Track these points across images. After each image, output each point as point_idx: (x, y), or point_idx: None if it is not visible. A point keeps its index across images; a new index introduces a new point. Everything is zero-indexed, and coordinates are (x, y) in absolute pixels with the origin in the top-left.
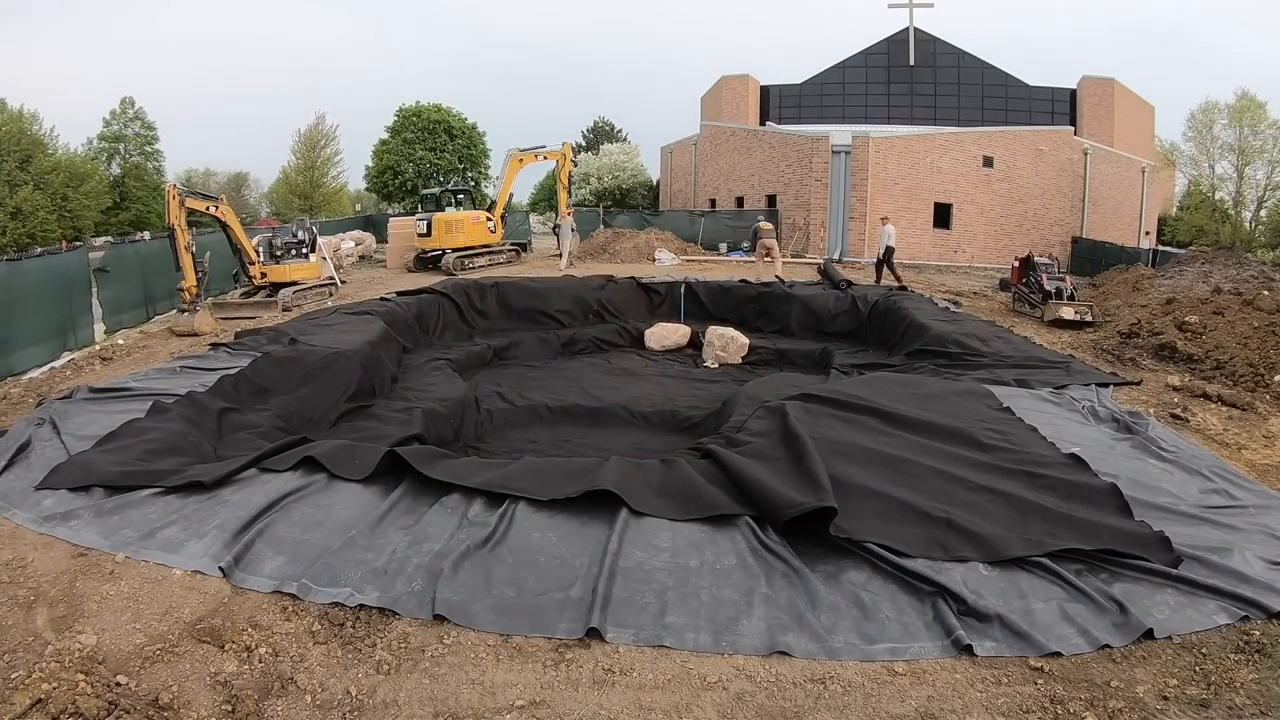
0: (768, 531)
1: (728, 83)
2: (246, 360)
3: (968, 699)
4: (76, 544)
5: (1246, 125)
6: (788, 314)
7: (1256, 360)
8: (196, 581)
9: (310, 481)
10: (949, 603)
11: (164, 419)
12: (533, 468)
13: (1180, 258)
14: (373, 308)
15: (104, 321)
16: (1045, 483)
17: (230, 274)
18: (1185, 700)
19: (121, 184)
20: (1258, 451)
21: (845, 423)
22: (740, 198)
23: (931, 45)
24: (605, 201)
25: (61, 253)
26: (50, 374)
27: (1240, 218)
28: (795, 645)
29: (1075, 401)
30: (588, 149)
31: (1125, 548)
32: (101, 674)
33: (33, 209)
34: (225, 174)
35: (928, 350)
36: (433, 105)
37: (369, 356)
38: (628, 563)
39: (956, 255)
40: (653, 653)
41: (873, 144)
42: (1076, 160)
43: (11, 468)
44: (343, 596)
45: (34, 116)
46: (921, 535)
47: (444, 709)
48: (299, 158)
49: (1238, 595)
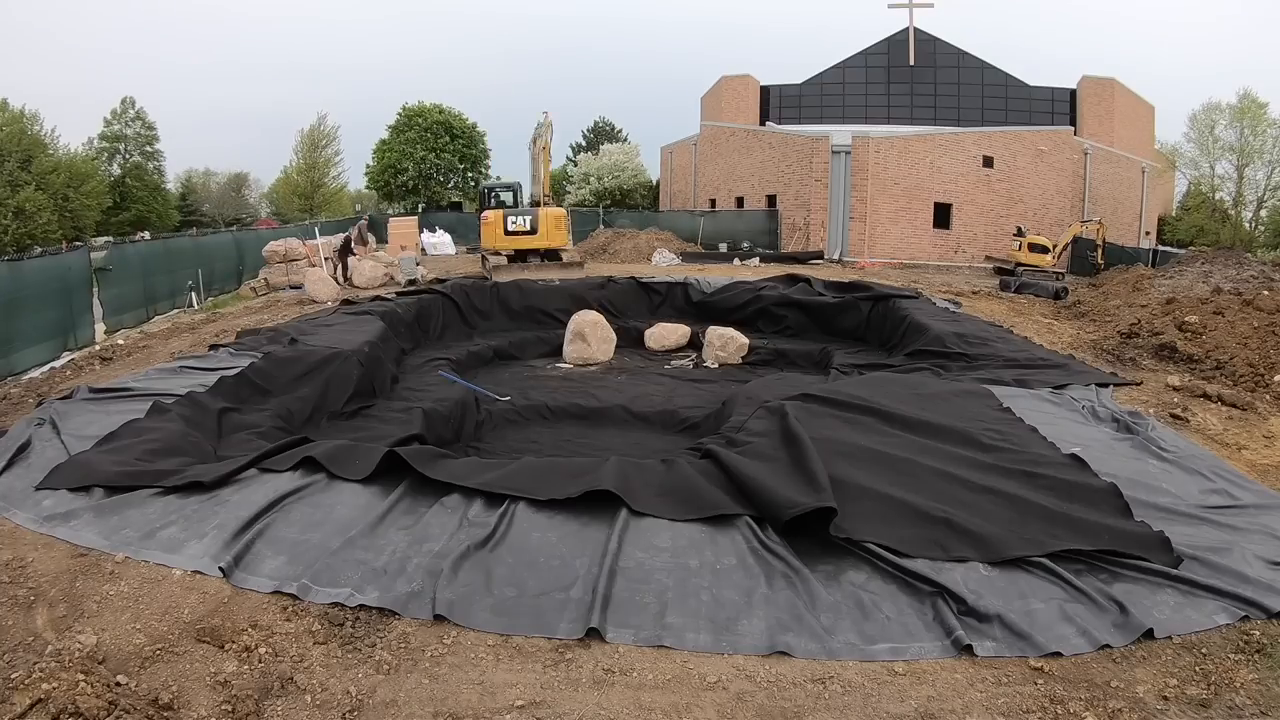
0: (768, 531)
1: (728, 83)
2: (248, 360)
3: (968, 699)
4: (76, 544)
5: (1247, 125)
6: (787, 314)
7: (1256, 360)
8: (196, 581)
9: (310, 481)
10: (949, 603)
11: (164, 419)
12: (533, 468)
13: (1180, 258)
14: (372, 308)
15: (104, 321)
16: (1045, 483)
17: (229, 274)
18: (1185, 700)
19: (122, 184)
20: (1258, 451)
21: (845, 423)
22: (740, 198)
23: (931, 45)
24: (605, 201)
25: (62, 253)
26: (50, 374)
27: (1240, 218)
28: (795, 645)
29: (1075, 401)
30: (588, 149)
31: (1125, 548)
32: (101, 674)
33: (34, 209)
34: (225, 174)
35: (928, 350)
36: (434, 105)
37: (369, 356)
38: (628, 563)
39: (956, 255)
40: (653, 653)
41: (873, 144)
42: (1076, 160)
43: (11, 468)
44: (343, 596)
45: (35, 116)
46: (921, 535)
47: (444, 709)
48: (300, 157)
49: (1238, 595)
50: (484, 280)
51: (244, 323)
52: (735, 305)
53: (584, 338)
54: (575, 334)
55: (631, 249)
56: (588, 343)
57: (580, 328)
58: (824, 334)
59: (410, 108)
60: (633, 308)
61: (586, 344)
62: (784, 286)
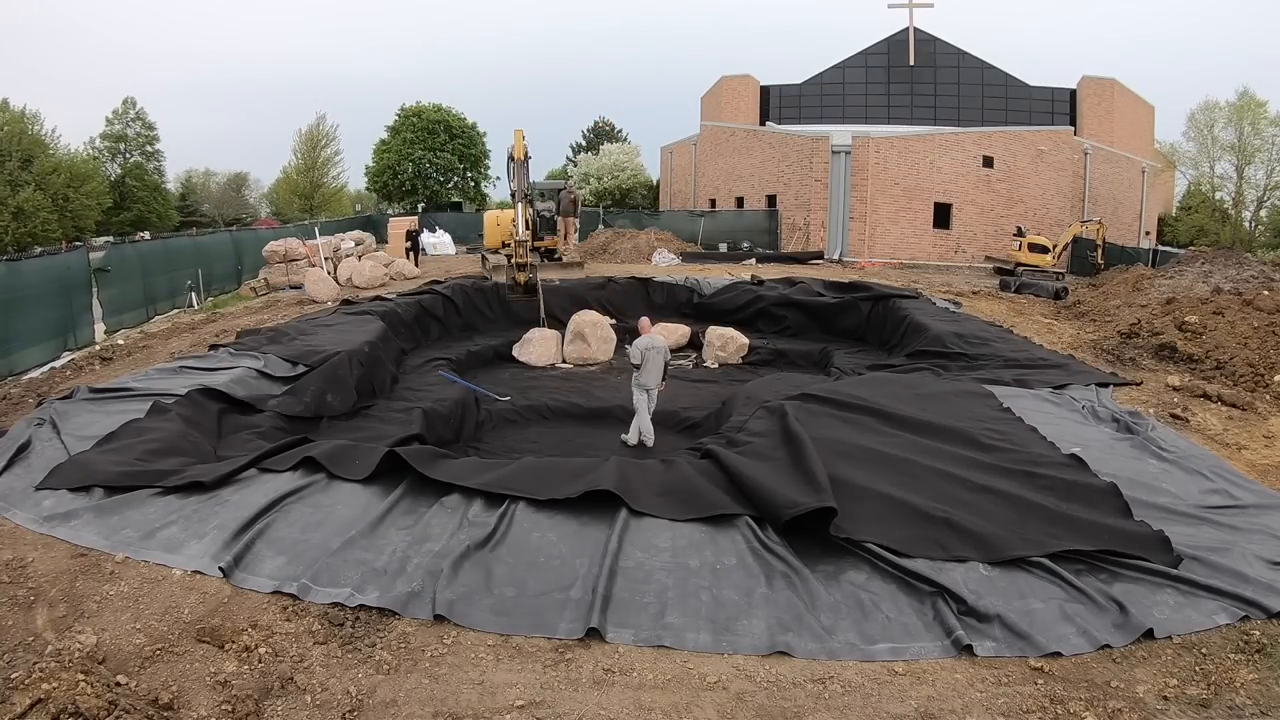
0: (768, 531)
1: (728, 83)
2: (248, 360)
3: (968, 699)
4: (76, 544)
5: (1247, 125)
6: (787, 314)
7: (1256, 360)
8: (196, 581)
9: (310, 481)
10: (949, 603)
11: (164, 419)
12: (533, 468)
13: (1180, 258)
14: (372, 308)
15: (104, 321)
16: (1045, 482)
17: (229, 274)
18: (1185, 700)
19: (122, 184)
20: (1258, 451)
21: (845, 423)
22: (740, 198)
23: (931, 45)
24: (605, 201)
25: (62, 253)
26: (50, 374)
27: (1240, 218)
28: (795, 645)
29: (1075, 401)
30: (588, 149)
31: (1125, 548)
32: (101, 674)
33: (34, 209)
34: (225, 174)
35: (928, 350)
36: (433, 105)
37: (369, 356)
38: (628, 563)
39: (956, 255)
40: (653, 653)
41: (873, 144)
42: (1076, 160)
43: (11, 468)
44: (343, 597)
45: (36, 117)
46: (921, 535)
47: (444, 709)
48: (300, 157)
49: (1238, 595)
50: (484, 280)
51: (244, 323)
52: (735, 306)
53: (584, 338)
54: (575, 334)
55: (631, 249)
56: (588, 343)
57: (580, 328)
58: (824, 334)
59: (409, 108)
60: (633, 308)
61: (586, 344)
62: (784, 288)
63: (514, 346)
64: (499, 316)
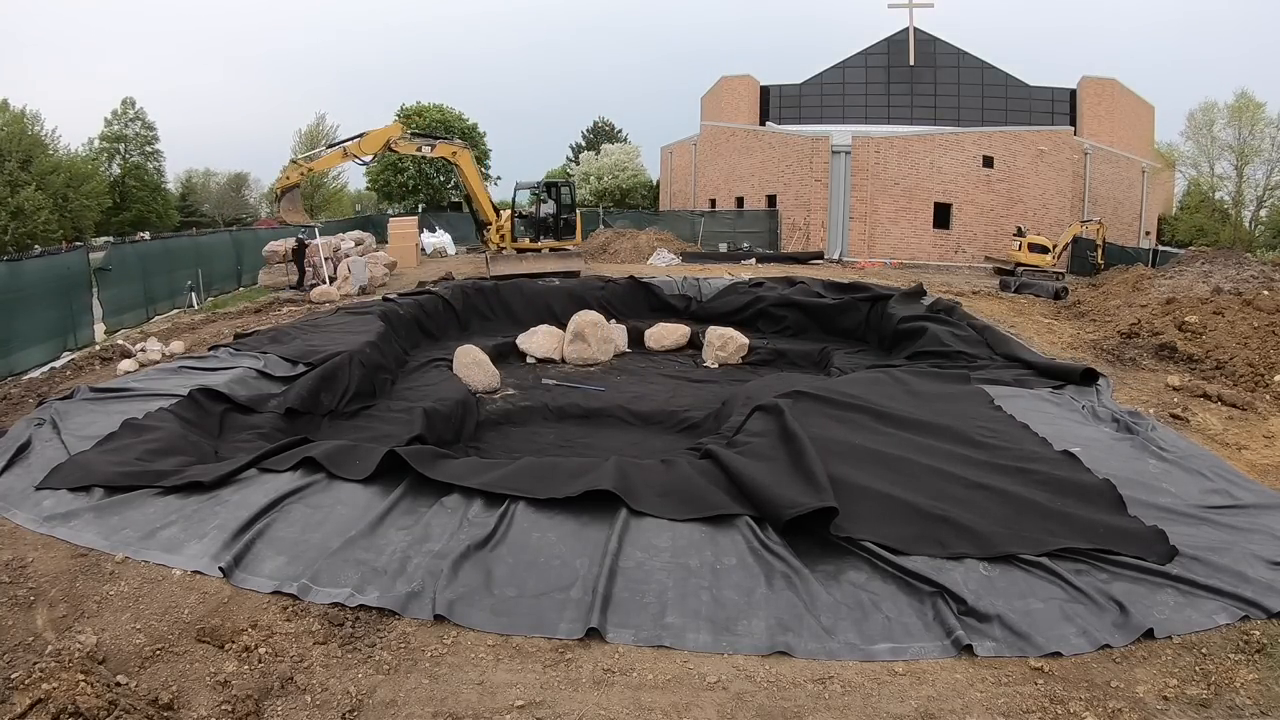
0: (767, 531)
1: (728, 83)
2: (248, 360)
3: (968, 699)
4: (76, 544)
5: (1245, 125)
6: (787, 314)
7: (1256, 360)
8: (196, 582)
9: (310, 482)
10: (949, 603)
11: (164, 419)
12: (533, 468)
13: (1180, 258)
14: (372, 308)
15: (104, 321)
16: (1039, 478)
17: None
18: (1185, 700)
19: (122, 184)
20: (1258, 451)
21: (842, 422)
22: (740, 198)
23: (931, 45)
24: (605, 202)
25: (62, 253)
26: (50, 374)
27: (1240, 218)
28: (795, 645)
29: (1075, 402)
30: (588, 149)
31: (1119, 542)
32: (101, 674)
33: (34, 209)
34: (225, 174)
35: (927, 350)
36: (434, 105)
37: (369, 357)
38: (628, 563)
39: (956, 255)
40: (653, 653)
41: (873, 144)
42: (1076, 160)
43: (11, 468)
44: (343, 597)
45: (36, 117)
46: (920, 533)
47: (444, 709)
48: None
49: (1238, 595)
50: (484, 280)
51: (243, 323)
52: (735, 306)
53: (584, 338)
54: (575, 334)
55: (631, 249)
56: (588, 343)
57: (580, 328)
58: (824, 334)
59: (409, 108)
60: (633, 308)
61: (586, 344)
62: (783, 288)
63: (519, 336)
64: (500, 317)
